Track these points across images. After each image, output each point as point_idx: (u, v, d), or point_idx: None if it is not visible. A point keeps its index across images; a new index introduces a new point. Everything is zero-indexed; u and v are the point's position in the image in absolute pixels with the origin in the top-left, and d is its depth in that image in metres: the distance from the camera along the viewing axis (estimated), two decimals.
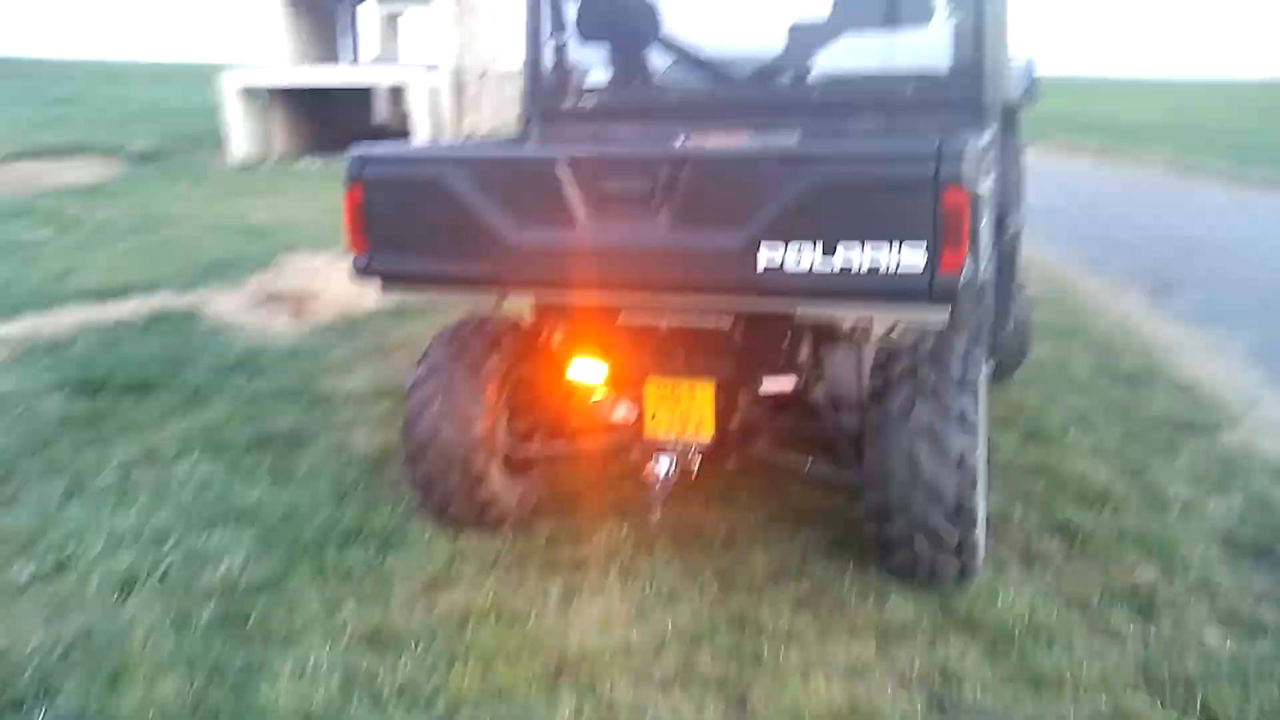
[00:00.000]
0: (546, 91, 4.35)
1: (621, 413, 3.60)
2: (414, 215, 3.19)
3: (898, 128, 3.75)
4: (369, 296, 7.44)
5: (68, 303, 7.17)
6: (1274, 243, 10.87)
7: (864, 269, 2.72)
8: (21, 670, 2.67)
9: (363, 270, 3.32)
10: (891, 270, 2.70)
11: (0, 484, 4.02)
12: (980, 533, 3.23)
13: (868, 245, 2.71)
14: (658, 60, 4.42)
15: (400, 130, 17.91)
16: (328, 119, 18.27)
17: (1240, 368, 6.25)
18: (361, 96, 19.81)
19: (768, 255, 2.79)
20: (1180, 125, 26.82)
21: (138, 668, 2.68)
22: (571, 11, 4.32)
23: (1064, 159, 21.43)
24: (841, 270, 2.74)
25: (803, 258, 2.77)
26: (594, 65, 4.53)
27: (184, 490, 3.95)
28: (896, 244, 2.68)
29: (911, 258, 2.68)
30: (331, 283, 8.04)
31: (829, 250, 2.74)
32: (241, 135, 17.39)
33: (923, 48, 3.92)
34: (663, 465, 3.42)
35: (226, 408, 5.04)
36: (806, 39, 4.12)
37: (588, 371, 3.64)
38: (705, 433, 3.41)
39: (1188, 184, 16.38)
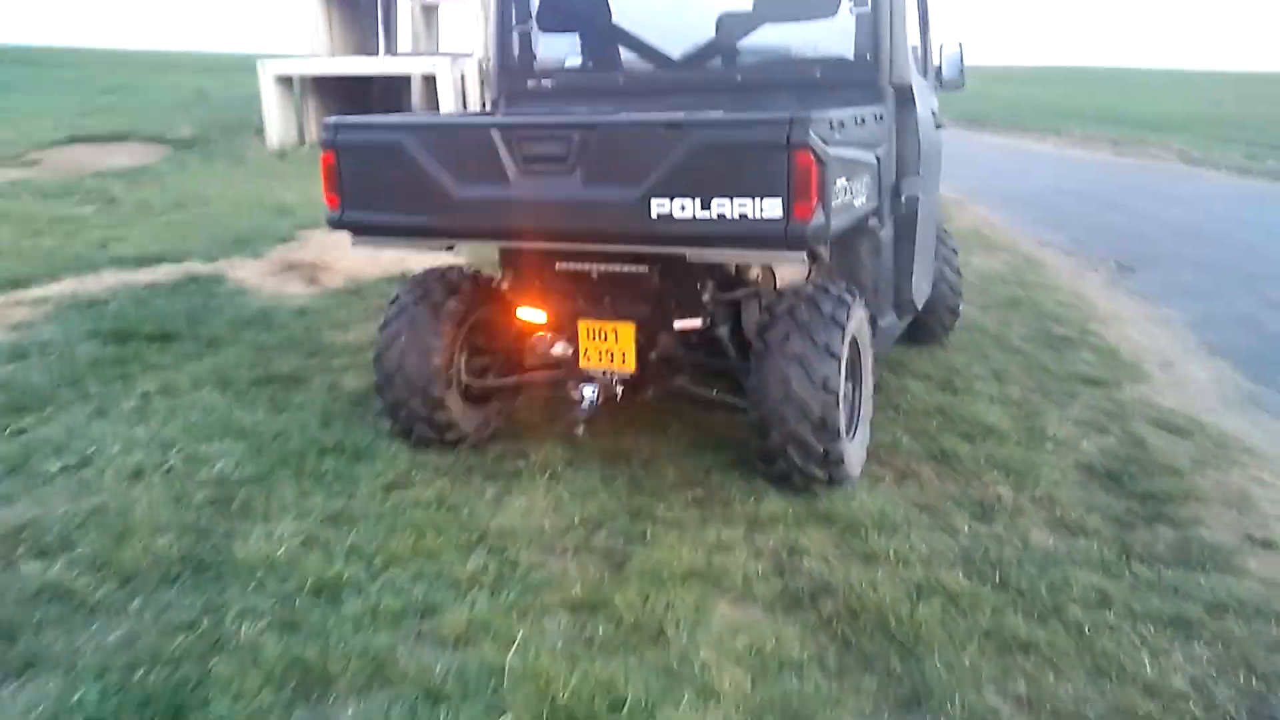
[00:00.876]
0: (512, 75, 4.98)
1: (560, 349, 4.21)
2: (377, 175, 3.83)
3: (808, 104, 4.32)
4: (375, 265, 8.19)
5: (105, 268, 7.90)
6: (1256, 228, 11.24)
7: (734, 218, 3.32)
8: (48, 530, 3.35)
9: (336, 223, 3.97)
10: (755, 219, 3.29)
11: (39, 408, 4.71)
12: (847, 447, 3.81)
13: (737, 199, 3.31)
14: (609, 47, 5.03)
15: None
16: (365, 106, 19.01)
17: (1171, 336, 6.76)
18: (399, 84, 20.53)
19: (658, 207, 3.39)
20: (1192, 116, 26.92)
21: (140, 531, 3.34)
22: (533, 5, 4.94)
23: (1080, 150, 21.74)
24: (717, 219, 3.34)
25: (686, 209, 3.37)
26: (555, 52, 5.16)
27: (192, 414, 4.61)
28: (759, 198, 3.28)
29: (770, 209, 3.27)
30: (344, 255, 8.74)
31: (707, 203, 3.34)
32: (278, 122, 18.19)
33: (830, 35, 4.50)
34: (588, 391, 4.05)
35: (237, 354, 5.71)
36: (733, 27, 4.71)
37: (533, 314, 4.26)
38: (628, 366, 4.03)
39: (1192, 174, 16.68)
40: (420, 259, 5.91)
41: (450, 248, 4.18)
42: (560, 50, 5.29)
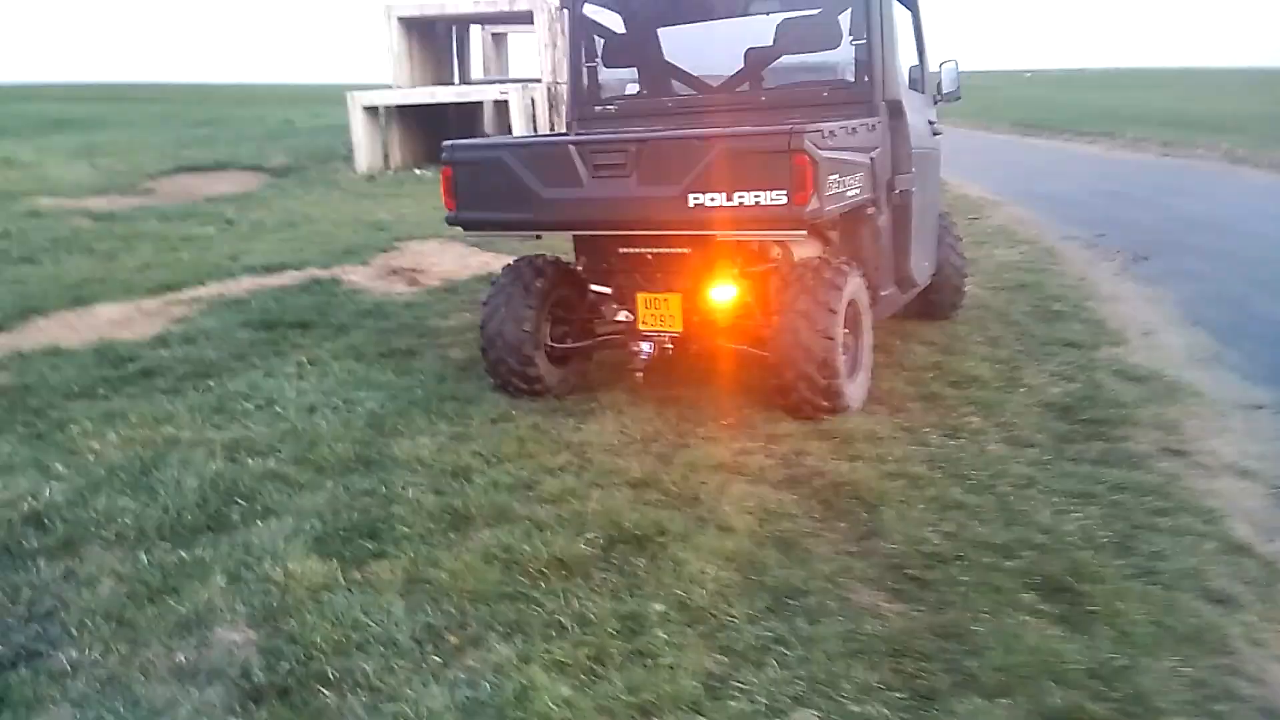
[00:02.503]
0: (583, 101, 6.21)
1: (623, 316, 5.40)
2: (483, 182, 5.07)
3: (815, 119, 5.45)
4: (465, 269, 9.50)
5: (240, 275, 9.33)
6: (1271, 219, 11.99)
7: (751, 205, 4.47)
8: (258, 443, 4.63)
9: (452, 220, 5.23)
10: (766, 205, 4.44)
11: (218, 374, 6.04)
12: (846, 385, 4.93)
13: (752, 191, 4.46)
14: (660, 78, 6.25)
15: None
16: (442, 131, 20.57)
17: (1160, 312, 7.69)
18: (472, 110, 22.08)
19: (694, 200, 4.56)
20: (1252, 116, 27.29)
21: (324, 441, 4.61)
22: (599, 47, 6.18)
23: (1129, 152, 22.37)
24: (738, 206, 4.50)
25: (715, 200, 4.53)
26: (618, 82, 6.40)
27: (339, 375, 5.90)
28: (768, 190, 4.43)
29: (777, 198, 4.42)
30: (439, 261, 10.13)
31: (731, 195, 4.50)
32: (365, 149, 19.85)
33: (835, 63, 5.65)
34: (644, 347, 5.23)
35: (363, 336, 7.02)
36: (758, 59, 5.88)
37: (602, 289, 5.46)
38: (676, 327, 5.21)
39: (1233, 172, 17.33)
40: (500, 260, 7.19)
41: (538, 237, 5.41)
42: (621, 80, 6.53)
